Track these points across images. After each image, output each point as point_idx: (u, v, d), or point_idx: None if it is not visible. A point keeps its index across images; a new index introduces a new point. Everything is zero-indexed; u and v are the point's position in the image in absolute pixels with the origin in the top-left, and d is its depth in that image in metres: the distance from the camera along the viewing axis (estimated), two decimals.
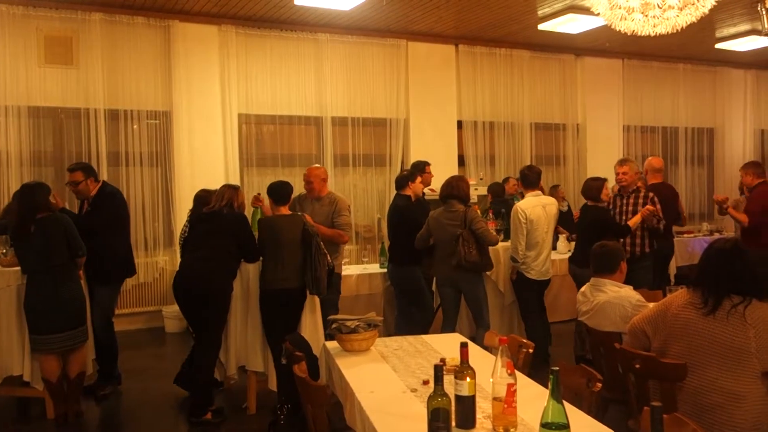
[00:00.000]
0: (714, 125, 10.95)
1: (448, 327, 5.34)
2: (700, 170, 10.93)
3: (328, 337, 3.62)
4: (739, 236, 6.30)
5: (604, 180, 5.79)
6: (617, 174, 5.83)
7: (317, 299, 4.68)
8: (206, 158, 7.49)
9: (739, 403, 2.81)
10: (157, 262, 7.39)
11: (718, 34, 8.74)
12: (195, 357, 4.68)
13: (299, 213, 4.84)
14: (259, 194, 5.40)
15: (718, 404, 2.84)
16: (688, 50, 9.72)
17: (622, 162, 5.91)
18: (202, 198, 5.16)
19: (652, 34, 5.01)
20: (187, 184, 7.18)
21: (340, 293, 5.56)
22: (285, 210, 4.71)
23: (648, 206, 5.56)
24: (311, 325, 4.61)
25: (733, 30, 8.59)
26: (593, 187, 5.70)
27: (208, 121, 7.54)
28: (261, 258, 4.68)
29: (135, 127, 7.33)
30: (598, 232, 5.25)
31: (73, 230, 4.50)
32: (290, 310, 4.56)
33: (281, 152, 7.98)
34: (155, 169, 7.47)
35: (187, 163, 7.40)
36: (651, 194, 5.75)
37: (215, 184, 5.34)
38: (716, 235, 9.18)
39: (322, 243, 4.63)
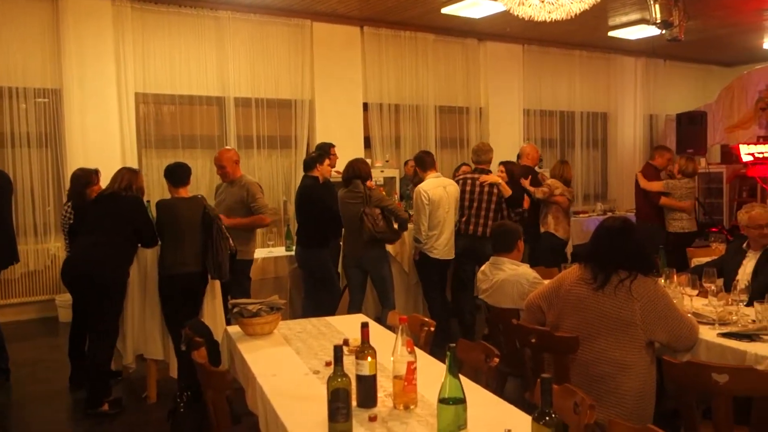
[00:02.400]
0: (607, 110, 11.47)
1: (354, 308, 5.37)
2: (595, 153, 11.44)
3: (230, 321, 3.55)
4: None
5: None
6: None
7: (218, 284, 4.59)
8: (101, 139, 7.13)
9: (626, 372, 2.98)
10: (49, 248, 7.00)
11: (611, 22, 9.13)
12: (89, 347, 4.49)
13: (199, 195, 4.69)
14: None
15: (607, 374, 2.99)
16: (584, 37, 10.11)
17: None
18: (80, 178, 4.94)
19: (548, 20, 5.17)
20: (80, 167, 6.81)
21: (250, 279, 5.48)
22: (184, 192, 4.57)
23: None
24: (212, 310, 4.51)
25: (624, 18, 8.99)
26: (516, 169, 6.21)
27: (102, 101, 7.17)
28: (159, 242, 4.52)
29: (23, 106, 6.88)
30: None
31: None
32: (191, 296, 4.45)
33: (182, 133, 7.71)
34: (45, 150, 7.04)
35: (80, 144, 7.01)
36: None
37: (111, 166, 5.09)
38: (609, 215, 9.67)
39: (223, 226, 4.52)
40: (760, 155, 8.46)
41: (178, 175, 4.56)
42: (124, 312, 4.54)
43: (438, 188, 5.70)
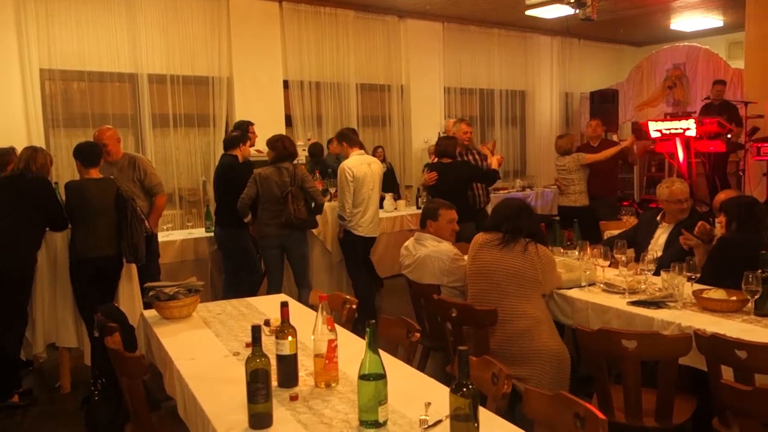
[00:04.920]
0: (525, 88, 11.72)
1: (273, 288, 5.31)
2: (514, 130, 11.69)
3: (147, 305, 3.44)
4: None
5: (456, 138, 6.06)
6: (465, 133, 6.15)
7: (134, 267, 4.43)
8: (3, 119, 6.71)
9: (539, 326, 3.28)
10: None
11: (528, 1, 9.27)
12: None
13: (111, 177, 4.50)
14: None
15: (523, 329, 3.26)
16: (502, 16, 10.25)
17: (467, 122, 6.26)
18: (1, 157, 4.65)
19: None
20: None
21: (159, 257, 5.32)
22: (95, 173, 4.37)
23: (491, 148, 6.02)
24: (128, 294, 4.37)
25: None
26: (450, 145, 5.92)
27: (3, 77, 6.74)
28: (69, 225, 4.33)
29: None
30: (462, 184, 5.73)
31: None
32: (105, 280, 4.28)
33: (92, 112, 7.35)
34: None
35: None
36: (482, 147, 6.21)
37: (15, 146, 4.81)
38: (528, 191, 9.93)
39: (138, 208, 4.37)
40: (667, 131, 8.84)
41: (88, 154, 4.35)
42: (32, 299, 4.33)
43: (362, 165, 5.69)
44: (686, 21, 10.82)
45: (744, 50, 8.77)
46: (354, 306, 3.26)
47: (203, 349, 2.79)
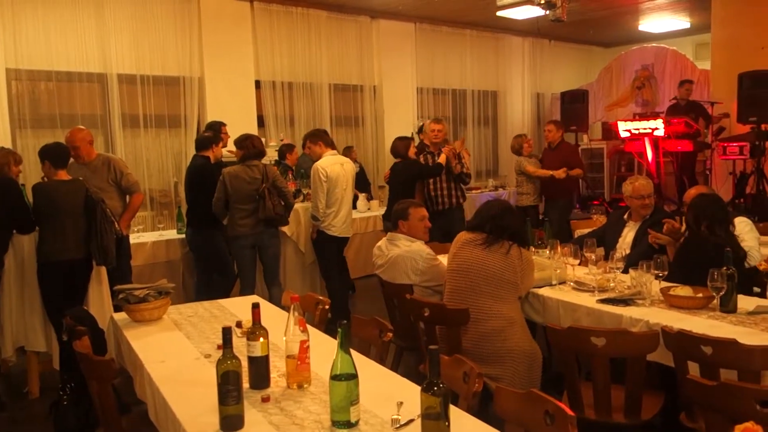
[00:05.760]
0: (497, 88, 11.79)
1: (247, 289, 5.28)
2: (486, 130, 11.76)
3: (117, 308, 3.40)
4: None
5: (411, 139, 6.18)
6: (432, 131, 6.21)
7: (104, 270, 4.38)
8: None
9: (512, 326, 3.29)
10: None
11: (499, 2, 9.33)
12: None
13: (80, 178, 4.44)
14: None
15: (496, 329, 3.26)
16: (473, 17, 10.30)
17: (437, 120, 6.36)
18: None
19: None
20: None
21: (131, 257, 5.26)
22: (63, 174, 4.30)
23: (449, 146, 6.06)
24: (98, 297, 4.31)
25: None
26: (400, 146, 6.13)
27: None
28: (37, 228, 4.26)
29: None
30: (411, 183, 5.82)
31: None
32: (74, 283, 4.22)
33: (60, 112, 7.22)
34: None
35: None
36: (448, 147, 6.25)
37: None
38: (501, 190, 10.02)
39: (108, 209, 4.31)
40: (636, 131, 8.98)
41: (55, 155, 4.29)
42: (0, 303, 4.26)
43: (335, 165, 5.70)
44: (654, 22, 11.00)
45: (710, 51, 8.94)
46: (326, 307, 3.26)
47: (174, 351, 2.76)
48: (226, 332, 1.99)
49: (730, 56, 8.31)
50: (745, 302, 3.10)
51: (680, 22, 10.92)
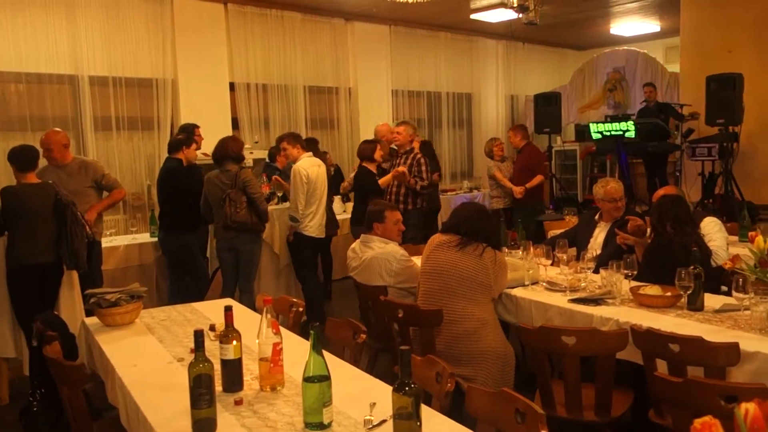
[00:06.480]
0: (471, 91, 11.86)
1: (227, 292, 5.26)
2: (461, 132, 11.82)
3: (89, 313, 3.36)
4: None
5: (378, 142, 6.23)
6: (391, 133, 6.24)
7: (75, 274, 4.32)
8: None
9: (485, 327, 3.31)
10: None
11: (473, 5, 9.38)
12: None
13: (50, 181, 4.38)
14: None
15: (469, 330, 3.28)
16: (448, 19, 10.36)
17: (399, 123, 6.39)
18: None
19: (412, 1, 5.25)
20: None
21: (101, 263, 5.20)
22: (32, 177, 4.25)
23: (399, 168, 6.07)
24: (69, 301, 4.26)
25: (485, 1, 9.27)
26: (366, 149, 6.19)
27: None
28: (6, 232, 4.19)
29: None
30: (364, 191, 5.91)
31: None
32: (44, 287, 4.17)
33: (31, 114, 7.12)
34: None
35: None
36: (419, 155, 6.20)
37: None
38: (475, 192, 10.08)
39: (79, 213, 4.26)
40: (608, 133, 9.10)
41: (22, 159, 4.23)
42: None
43: (314, 167, 5.73)
44: (625, 26, 11.16)
45: (680, 54, 9.10)
46: (301, 309, 3.26)
47: (146, 355, 2.74)
48: (198, 335, 1.98)
49: (699, 59, 8.46)
50: (712, 300, 3.16)
51: (651, 25, 11.10)
